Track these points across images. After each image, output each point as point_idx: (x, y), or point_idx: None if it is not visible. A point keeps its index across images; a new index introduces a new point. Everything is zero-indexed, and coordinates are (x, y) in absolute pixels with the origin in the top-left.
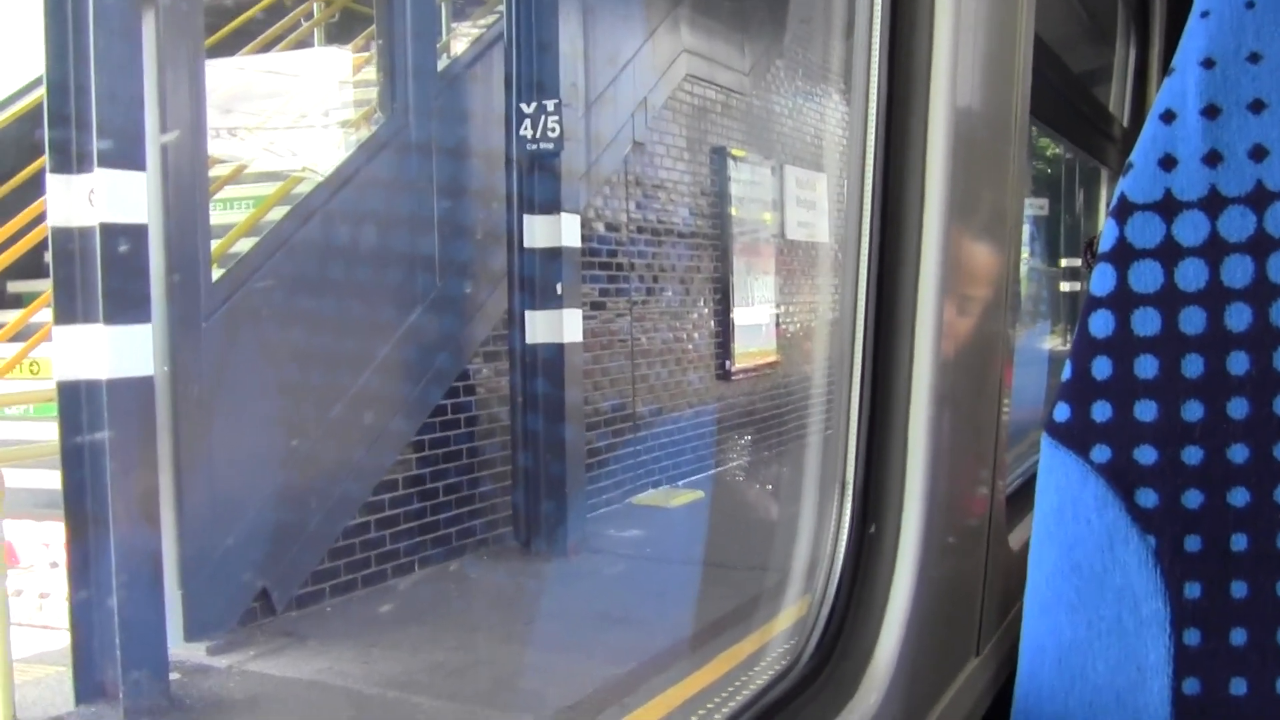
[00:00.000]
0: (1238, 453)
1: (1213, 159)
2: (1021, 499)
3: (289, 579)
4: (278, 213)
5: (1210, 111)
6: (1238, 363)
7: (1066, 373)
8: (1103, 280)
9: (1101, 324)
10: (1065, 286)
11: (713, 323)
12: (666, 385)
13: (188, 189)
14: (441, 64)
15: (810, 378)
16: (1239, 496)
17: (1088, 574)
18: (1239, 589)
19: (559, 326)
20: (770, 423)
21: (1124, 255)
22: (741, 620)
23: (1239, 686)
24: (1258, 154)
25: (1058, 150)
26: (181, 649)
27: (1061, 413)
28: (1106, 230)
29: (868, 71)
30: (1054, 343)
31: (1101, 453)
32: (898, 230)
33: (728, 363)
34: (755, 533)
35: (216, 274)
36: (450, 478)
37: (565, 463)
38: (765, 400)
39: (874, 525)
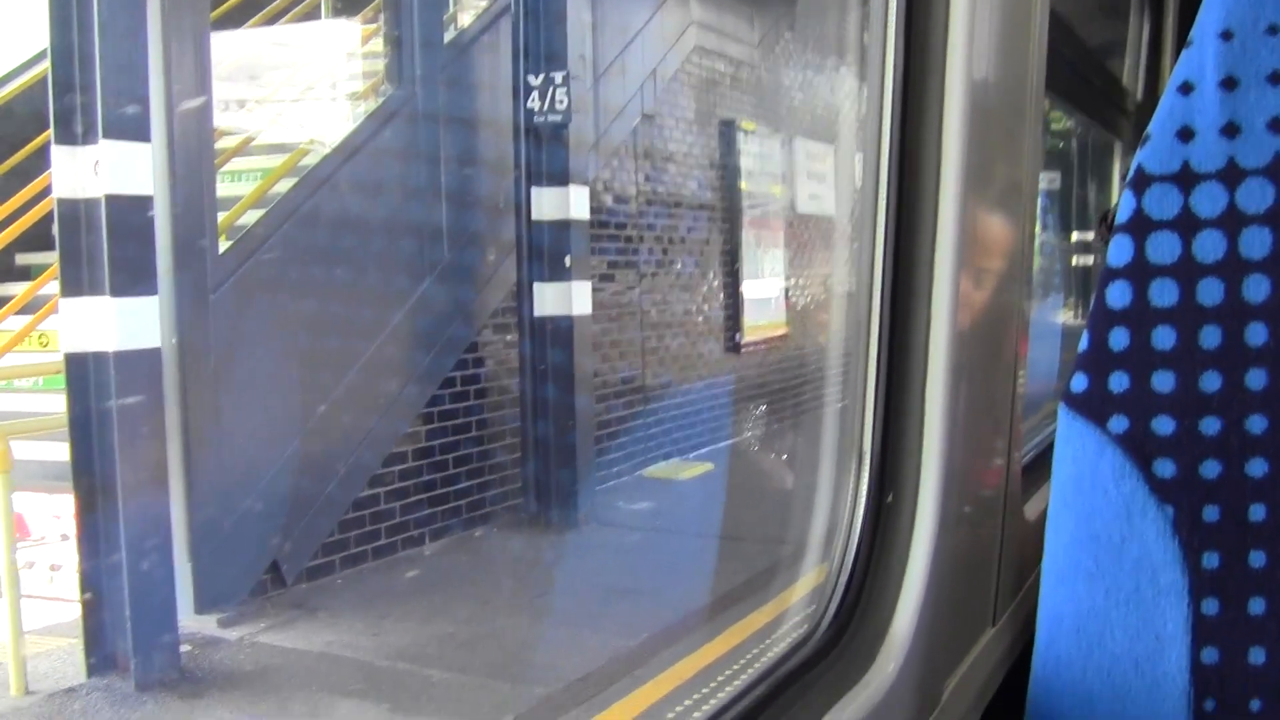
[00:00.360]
0: (1256, 423)
1: (1231, 131)
2: (1037, 470)
3: (299, 551)
4: (285, 185)
5: (1229, 83)
6: (1256, 334)
7: (1084, 343)
8: (1120, 251)
9: (1119, 295)
10: (1076, 260)
11: (722, 295)
12: (676, 357)
13: (194, 160)
14: (449, 35)
15: (821, 351)
16: (1257, 467)
17: (1106, 543)
18: (1257, 558)
19: (568, 299)
20: (780, 395)
21: (1141, 226)
22: (752, 593)
23: (1258, 655)
24: (1277, 126)
25: (1067, 124)
26: (192, 621)
27: (1079, 383)
28: (1124, 201)
29: (884, 45)
30: (1062, 316)
31: (1119, 423)
32: (914, 203)
33: (737, 335)
34: (765, 505)
35: (224, 246)
36: (461, 449)
37: (575, 435)
38: (775, 373)
39: (891, 494)
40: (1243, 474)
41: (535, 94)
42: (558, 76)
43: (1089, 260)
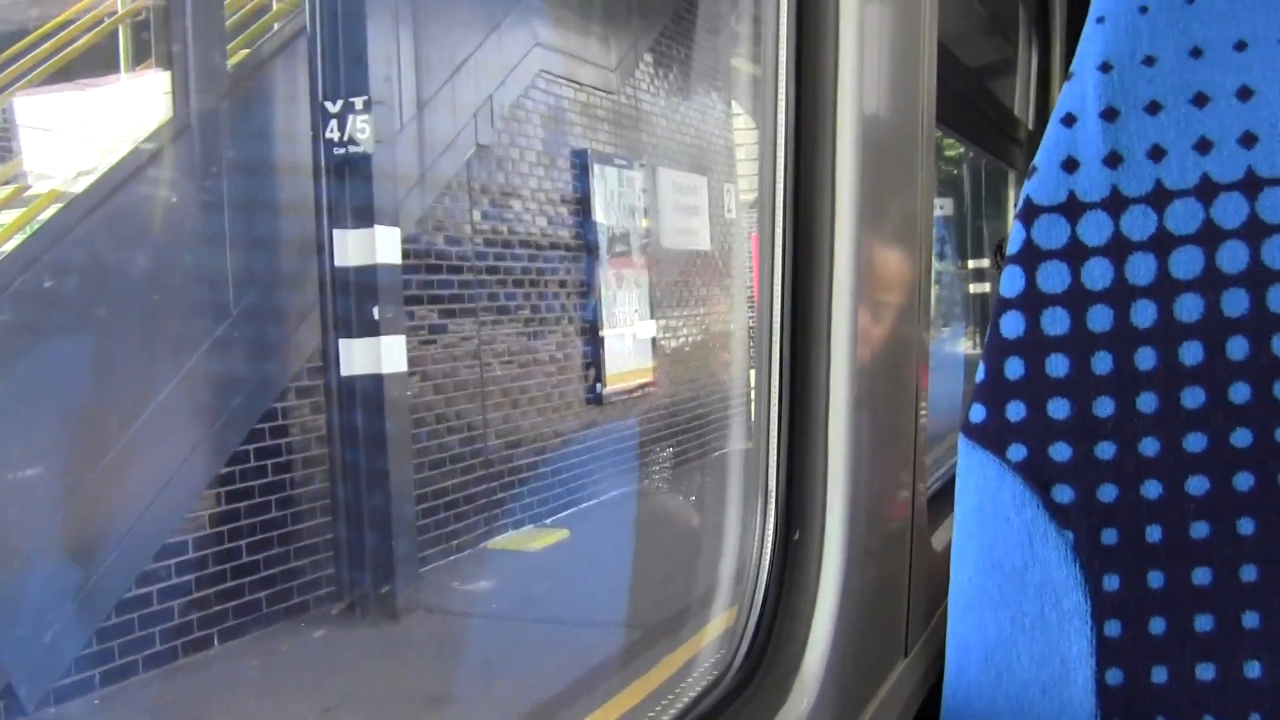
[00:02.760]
0: (1148, 446)
1: (1113, 160)
2: (942, 501)
3: (42, 669)
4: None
5: (1109, 114)
6: (1145, 358)
7: (980, 374)
8: (1012, 281)
9: (1012, 325)
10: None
11: (580, 341)
12: (527, 413)
13: None
14: (236, 59)
15: (696, 397)
16: (1151, 489)
17: (1009, 571)
18: (1156, 579)
19: (377, 355)
20: (649, 448)
21: (1031, 256)
22: (599, 696)
23: (1160, 675)
24: (1156, 154)
25: (960, 151)
26: None
27: (977, 413)
28: (1014, 232)
29: (775, 80)
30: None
31: (1017, 451)
32: (810, 238)
33: (598, 385)
34: (627, 577)
35: None
36: (256, 534)
37: (390, 511)
38: (643, 424)
39: (798, 531)
40: (1138, 496)
41: (334, 123)
42: (358, 102)
43: (984, 287)
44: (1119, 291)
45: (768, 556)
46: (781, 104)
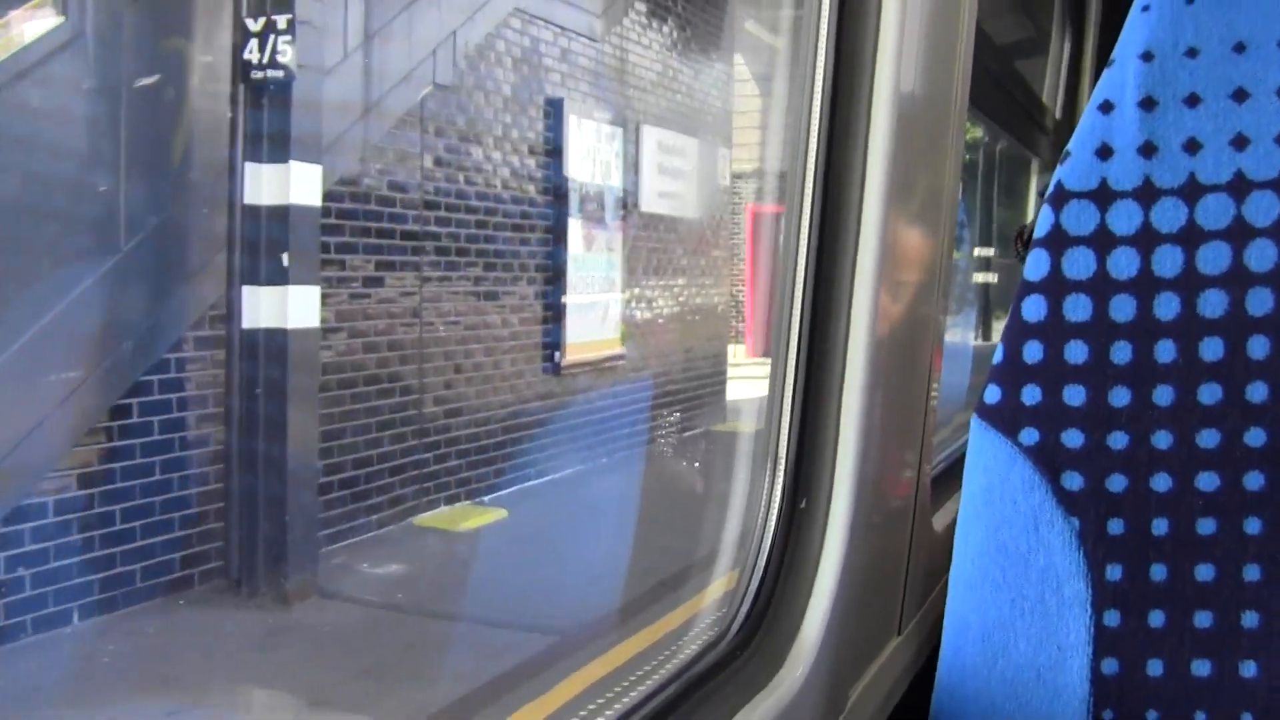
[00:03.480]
0: (1161, 439)
1: (1148, 150)
2: (946, 481)
3: None
4: None
5: (1147, 104)
6: (1165, 351)
7: (998, 356)
8: (1037, 265)
9: (1034, 308)
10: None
11: (540, 307)
12: (473, 380)
13: None
14: None
15: (666, 374)
16: (1161, 482)
17: (1013, 554)
18: (1158, 572)
19: (284, 307)
20: (609, 425)
21: (1058, 241)
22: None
23: (1155, 667)
24: (1191, 147)
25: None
26: None
27: (992, 395)
28: (1042, 216)
29: (814, 55)
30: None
31: (1030, 435)
32: (837, 212)
33: (557, 354)
34: (562, 569)
35: None
36: (135, 498)
37: (286, 481)
38: (605, 399)
39: (805, 500)
40: (1148, 488)
41: (254, 42)
42: (281, 21)
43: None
44: (1144, 282)
45: (773, 522)
46: (819, 76)
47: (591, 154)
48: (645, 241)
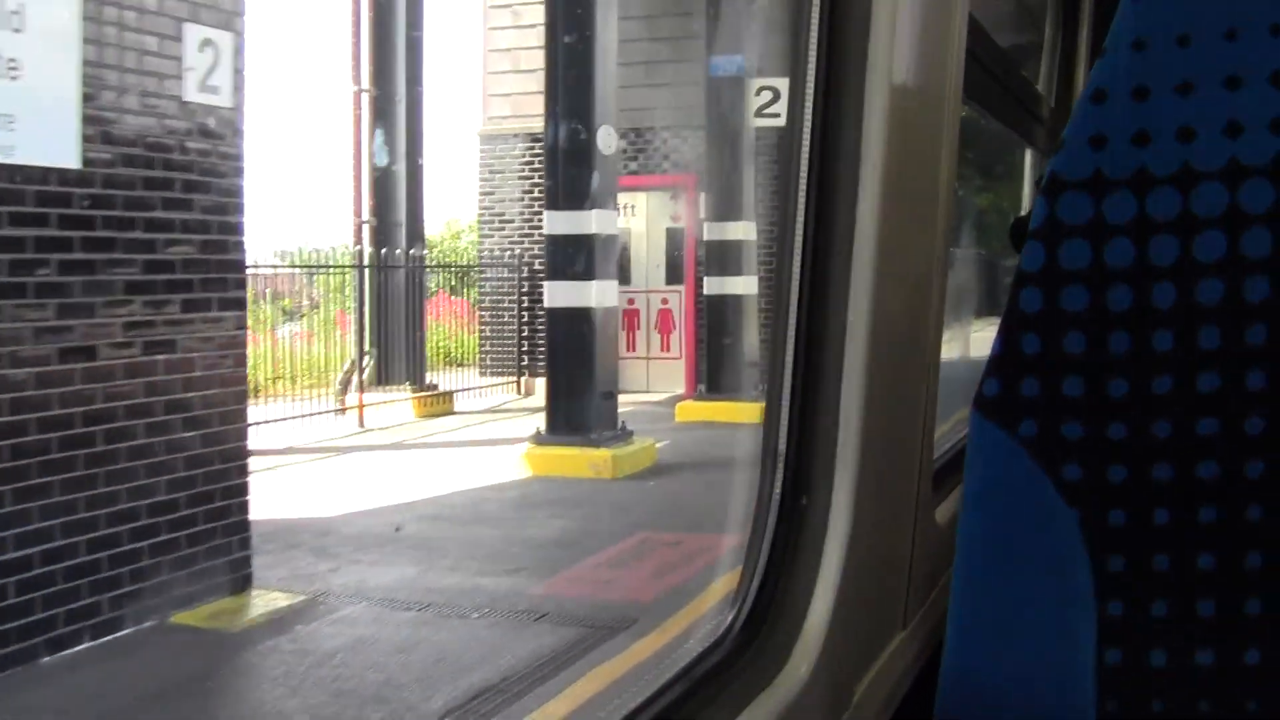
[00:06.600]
0: (1161, 429)
1: (1141, 139)
2: (947, 475)
3: None
4: None
5: (1140, 92)
6: (1162, 340)
7: (995, 348)
8: (1032, 257)
9: (1030, 300)
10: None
11: None
12: None
13: None
14: None
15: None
16: (1161, 472)
17: (1015, 547)
18: (1160, 561)
19: None
20: None
21: (1054, 232)
22: None
23: (1159, 657)
24: (1184, 135)
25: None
26: None
27: (990, 388)
28: (1037, 207)
29: (806, 48)
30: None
31: (1029, 427)
32: (833, 205)
33: None
34: None
35: None
36: None
37: None
38: None
39: (805, 497)
40: (1148, 478)
41: None
42: None
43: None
44: (1140, 272)
45: (774, 520)
46: (811, 68)
47: None
48: None
